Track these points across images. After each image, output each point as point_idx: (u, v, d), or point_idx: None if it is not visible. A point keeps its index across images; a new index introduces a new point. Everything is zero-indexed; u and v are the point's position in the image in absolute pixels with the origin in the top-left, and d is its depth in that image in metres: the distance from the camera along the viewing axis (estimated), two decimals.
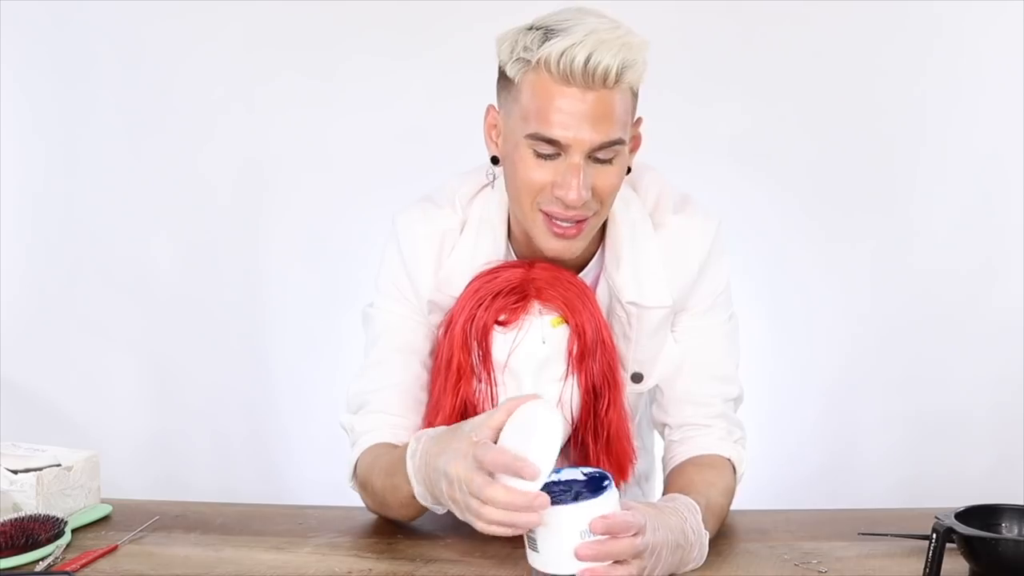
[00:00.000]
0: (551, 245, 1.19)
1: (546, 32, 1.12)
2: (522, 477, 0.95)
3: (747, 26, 2.26)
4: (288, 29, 2.30)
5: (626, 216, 1.29)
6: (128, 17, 2.29)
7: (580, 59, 1.09)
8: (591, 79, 1.10)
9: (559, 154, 1.14)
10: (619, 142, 1.15)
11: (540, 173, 1.15)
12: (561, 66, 1.10)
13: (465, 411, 1.21)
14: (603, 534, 0.97)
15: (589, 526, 0.96)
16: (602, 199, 1.18)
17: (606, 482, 1.00)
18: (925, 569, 1.06)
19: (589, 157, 1.14)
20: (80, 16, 2.30)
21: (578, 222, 1.18)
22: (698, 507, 1.12)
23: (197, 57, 2.32)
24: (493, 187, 1.29)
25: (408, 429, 1.25)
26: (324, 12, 2.29)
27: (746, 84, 2.28)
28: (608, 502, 0.98)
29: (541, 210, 1.18)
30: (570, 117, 1.11)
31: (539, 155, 1.15)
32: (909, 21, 2.24)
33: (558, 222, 1.17)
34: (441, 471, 1.02)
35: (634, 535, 0.98)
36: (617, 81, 1.11)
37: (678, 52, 2.18)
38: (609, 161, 1.16)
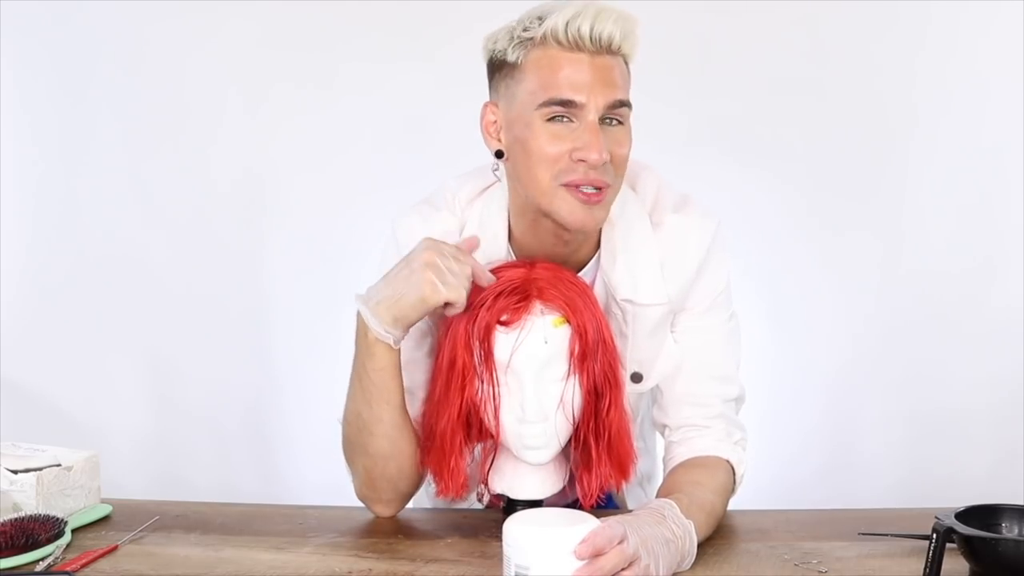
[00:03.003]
0: (577, 215, 1.19)
1: (539, 15, 1.17)
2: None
3: (746, 23, 2.27)
4: (288, 32, 2.31)
5: (622, 214, 1.29)
6: (128, 17, 2.30)
7: (586, 26, 1.14)
8: (598, 44, 1.15)
9: (572, 120, 1.16)
10: (627, 103, 1.19)
11: (556, 144, 1.17)
12: (569, 34, 1.15)
13: (469, 412, 1.21)
14: (591, 556, 0.98)
15: (574, 554, 0.98)
16: (617, 167, 1.20)
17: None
18: (925, 569, 1.06)
19: (602, 120, 1.17)
20: (80, 16, 2.30)
21: (599, 189, 1.18)
22: (674, 503, 1.13)
23: (198, 58, 2.32)
24: (501, 180, 1.29)
25: None
26: (323, 15, 2.29)
27: (745, 83, 2.28)
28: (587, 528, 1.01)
29: (562, 184, 1.18)
30: (581, 79, 1.16)
31: (554, 124, 1.16)
32: (910, 19, 2.24)
33: (583, 189, 1.18)
34: (412, 259, 1.17)
35: (620, 543, 1.00)
36: (619, 47, 1.17)
37: (676, 50, 2.18)
38: (620, 123, 1.19)
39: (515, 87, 1.19)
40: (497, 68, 1.21)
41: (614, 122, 1.18)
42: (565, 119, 1.17)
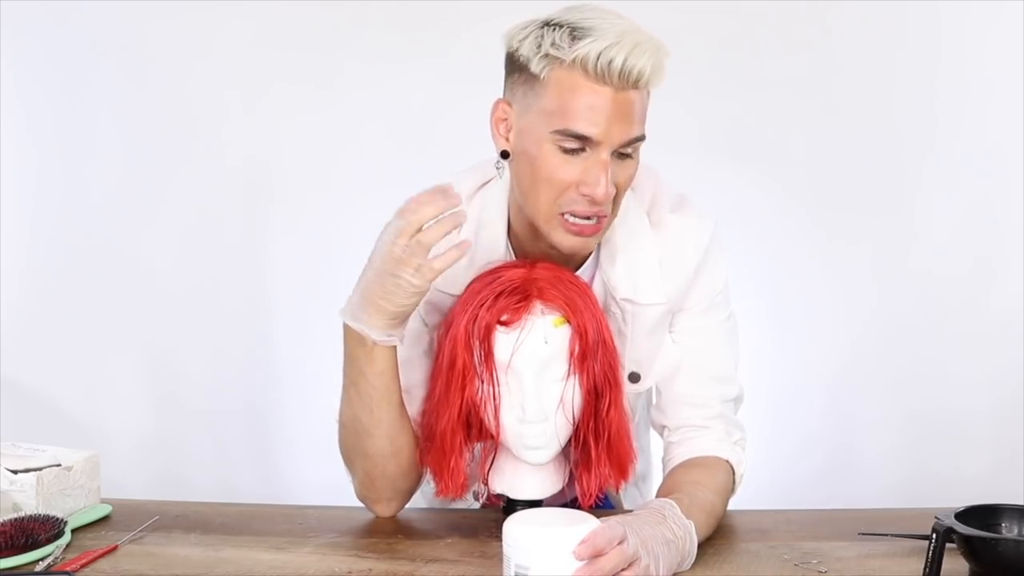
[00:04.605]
0: (569, 242, 1.20)
1: (572, 31, 1.12)
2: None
3: (749, 26, 2.27)
4: (290, 33, 2.31)
5: (622, 214, 1.29)
6: (129, 17, 2.29)
7: (618, 61, 1.11)
8: (626, 80, 1.12)
9: (583, 150, 1.15)
10: (642, 138, 1.18)
11: (565, 171, 1.16)
12: (599, 66, 1.11)
13: (469, 412, 1.21)
14: (590, 556, 0.98)
15: (574, 554, 0.98)
16: (618, 195, 1.19)
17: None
18: (925, 569, 1.06)
19: (613, 153, 1.15)
20: (81, 16, 2.30)
21: (598, 220, 1.18)
22: (675, 503, 1.13)
23: (199, 58, 2.32)
24: (501, 177, 1.28)
25: None
26: (324, 15, 2.29)
27: (747, 84, 2.29)
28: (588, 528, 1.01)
29: (562, 212, 1.18)
30: (600, 114, 1.13)
31: (565, 151, 1.15)
32: (913, 23, 2.25)
33: (576, 220, 1.18)
34: (380, 264, 1.12)
35: (620, 543, 1.00)
36: (648, 82, 1.14)
37: (680, 51, 2.17)
38: (629, 156, 1.18)
39: (532, 98, 1.17)
40: (517, 69, 1.18)
41: (625, 154, 1.17)
42: (578, 148, 1.15)
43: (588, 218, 1.18)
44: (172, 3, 2.27)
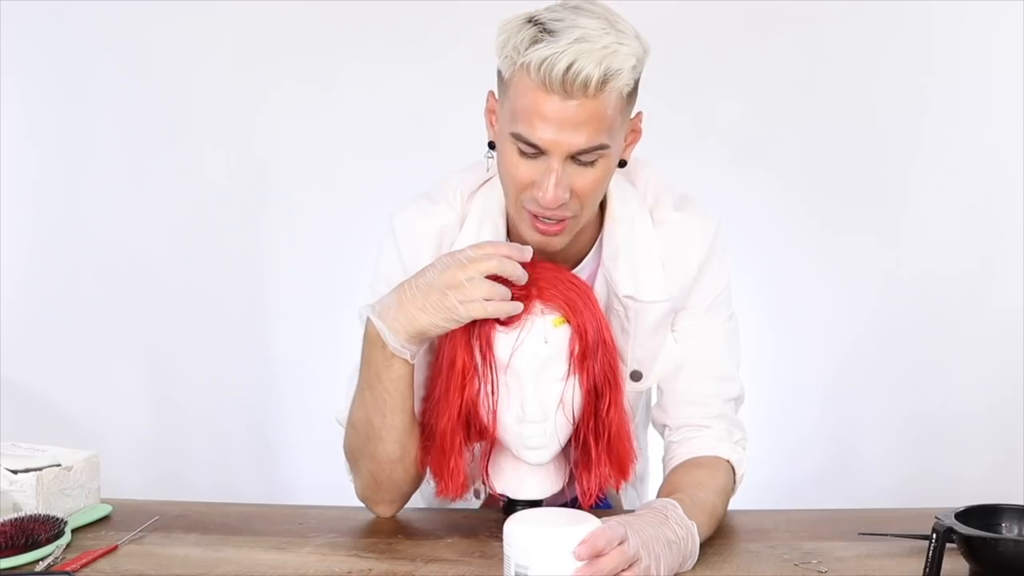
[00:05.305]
0: (533, 237, 1.21)
1: (538, 32, 1.11)
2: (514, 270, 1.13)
3: (748, 24, 2.26)
4: (290, 34, 2.31)
5: (624, 210, 1.29)
6: (130, 18, 2.29)
7: (560, 68, 1.08)
8: (571, 88, 1.09)
9: (538, 154, 1.15)
10: (602, 147, 1.15)
11: (523, 170, 1.16)
12: (541, 73, 1.09)
13: (469, 412, 1.21)
14: (591, 557, 0.98)
15: (574, 554, 0.98)
16: (582, 200, 1.18)
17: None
18: (925, 569, 1.06)
19: (570, 159, 1.14)
20: (81, 17, 2.30)
21: (559, 221, 1.18)
22: (677, 504, 1.13)
23: (200, 60, 2.32)
24: (488, 169, 1.29)
25: None
26: (325, 16, 2.29)
27: (747, 83, 2.28)
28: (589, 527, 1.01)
29: (525, 208, 1.19)
30: (550, 123, 1.11)
31: (521, 153, 1.16)
32: (910, 20, 2.24)
33: (540, 220, 1.18)
34: (434, 278, 1.13)
35: (620, 544, 1.00)
36: (600, 90, 1.10)
37: (679, 50, 2.18)
38: (591, 164, 1.16)
39: (503, 95, 1.18)
40: (498, 67, 1.19)
41: (586, 162, 1.15)
42: (533, 153, 1.15)
43: (548, 219, 1.18)
44: (172, 3, 2.27)
